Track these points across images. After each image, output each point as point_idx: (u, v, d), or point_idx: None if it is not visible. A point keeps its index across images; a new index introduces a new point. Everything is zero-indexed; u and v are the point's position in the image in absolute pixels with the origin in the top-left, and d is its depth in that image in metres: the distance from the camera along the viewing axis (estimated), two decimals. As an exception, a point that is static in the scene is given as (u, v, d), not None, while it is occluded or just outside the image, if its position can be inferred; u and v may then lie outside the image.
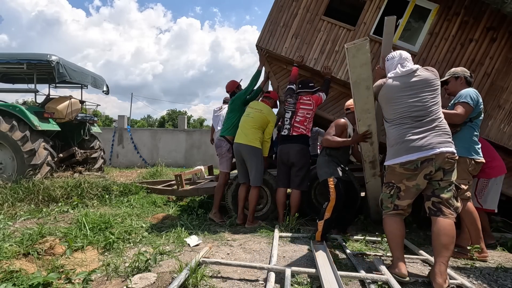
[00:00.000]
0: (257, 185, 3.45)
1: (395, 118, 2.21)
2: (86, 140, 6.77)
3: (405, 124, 2.16)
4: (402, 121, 2.17)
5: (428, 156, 2.05)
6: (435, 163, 2.06)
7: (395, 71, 2.28)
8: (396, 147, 2.17)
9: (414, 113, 2.14)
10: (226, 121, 3.89)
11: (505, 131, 3.28)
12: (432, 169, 2.07)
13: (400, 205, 2.19)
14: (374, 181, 3.00)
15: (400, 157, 2.13)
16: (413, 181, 2.13)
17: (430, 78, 2.20)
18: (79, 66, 6.32)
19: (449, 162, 2.07)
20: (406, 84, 2.20)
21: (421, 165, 2.07)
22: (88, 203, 4.14)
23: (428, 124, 2.11)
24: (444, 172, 2.08)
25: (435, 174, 2.08)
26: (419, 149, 2.07)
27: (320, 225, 2.73)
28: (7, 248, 2.38)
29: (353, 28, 3.55)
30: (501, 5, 2.98)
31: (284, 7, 3.69)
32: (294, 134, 3.44)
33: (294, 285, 2.00)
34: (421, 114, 2.13)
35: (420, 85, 2.18)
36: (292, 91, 3.59)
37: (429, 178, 2.11)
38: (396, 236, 2.17)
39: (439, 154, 2.04)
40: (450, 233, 2.00)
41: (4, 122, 5.02)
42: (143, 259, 2.19)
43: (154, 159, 10.86)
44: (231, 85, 4.17)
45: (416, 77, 2.20)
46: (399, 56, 2.33)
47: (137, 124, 29.99)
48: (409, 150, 2.10)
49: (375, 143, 2.72)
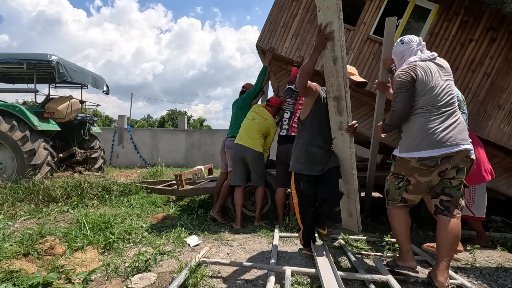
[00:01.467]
0: (262, 185, 3.49)
1: (425, 105, 2.00)
2: (86, 140, 6.77)
3: (433, 114, 1.98)
4: (432, 109, 1.98)
5: (451, 153, 1.93)
6: (453, 161, 1.95)
7: (421, 55, 2.11)
8: (419, 139, 1.99)
9: (444, 101, 1.98)
10: (235, 120, 3.86)
11: (505, 131, 3.28)
12: (448, 167, 1.96)
13: (408, 199, 2.11)
14: (341, 139, 2.27)
15: (421, 151, 1.97)
16: (427, 177, 2.01)
17: (448, 67, 2.11)
18: (79, 66, 6.32)
19: (465, 161, 1.99)
20: (438, 68, 2.06)
21: (441, 162, 1.94)
22: (88, 203, 4.14)
23: (453, 116, 1.98)
24: (457, 170, 1.98)
25: (449, 171, 1.98)
26: (444, 144, 1.92)
27: (300, 234, 2.53)
28: (7, 248, 2.38)
29: (353, 28, 3.55)
30: (501, 5, 2.98)
31: (284, 7, 3.69)
32: (292, 134, 3.44)
33: (294, 285, 2.00)
34: (449, 103, 1.99)
35: (446, 73, 2.07)
36: (291, 91, 3.59)
37: (443, 175, 2.00)
38: (405, 228, 2.11)
39: (460, 152, 1.93)
40: (456, 232, 1.94)
41: (4, 122, 5.02)
42: (143, 259, 2.19)
43: (154, 159, 10.86)
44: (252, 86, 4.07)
45: (442, 64, 2.09)
46: (417, 41, 2.18)
47: (137, 124, 30.00)
48: (433, 144, 1.94)
49: (339, 61, 2.07)
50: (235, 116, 3.89)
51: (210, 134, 11.65)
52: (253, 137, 3.44)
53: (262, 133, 3.51)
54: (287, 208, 3.51)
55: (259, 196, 3.49)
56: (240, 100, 3.90)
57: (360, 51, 3.53)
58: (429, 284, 2.05)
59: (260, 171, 3.48)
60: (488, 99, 3.31)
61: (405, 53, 2.20)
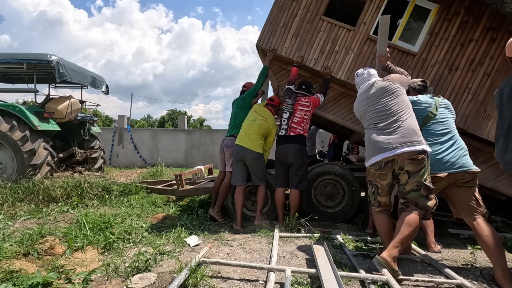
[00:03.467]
0: (263, 184, 3.49)
1: (366, 126, 2.53)
2: (86, 140, 6.78)
3: (372, 129, 2.44)
4: (370, 126, 2.47)
5: (390, 157, 2.26)
6: (397, 163, 2.26)
7: (359, 90, 2.68)
8: (368, 151, 2.44)
9: (377, 118, 2.42)
10: (235, 119, 3.84)
11: (505, 131, 3.27)
12: (395, 168, 2.29)
13: (381, 202, 2.42)
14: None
15: (369, 159, 2.40)
16: (385, 180, 2.35)
17: (385, 86, 2.47)
18: (79, 66, 6.32)
19: (411, 163, 2.21)
20: (367, 96, 2.55)
21: (384, 166, 2.30)
22: (88, 203, 4.14)
23: (391, 125, 2.33)
24: (409, 174, 2.23)
25: (401, 176, 2.27)
26: (384, 150, 2.29)
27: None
28: (7, 248, 2.38)
29: (353, 28, 3.55)
30: (501, 5, 2.97)
31: (284, 7, 3.68)
32: (291, 135, 3.45)
33: (294, 285, 2.00)
34: (384, 117, 2.38)
35: (378, 94, 2.47)
36: (290, 91, 3.59)
37: (398, 182, 2.31)
38: (385, 230, 2.41)
39: (400, 154, 2.23)
40: (410, 222, 2.18)
41: (4, 122, 5.02)
42: (143, 259, 2.19)
43: (154, 159, 10.87)
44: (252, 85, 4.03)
45: (374, 89, 2.52)
46: (362, 75, 2.70)
47: (137, 124, 29.99)
48: (375, 151, 2.34)
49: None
50: (235, 115, 3.89)
51: (210, 134, 11.65)
52: (252, 138, 3.45)
53: (262, 134, 3.51)
54: (287, 208, 3.51)
55: (260, 195, 3.50)
56: (240, 99, 3.90)
57: (360, 51, 3.53)
58: (428, 285, 2.06)
59: (260, 171, 3.48)
60: (488, 99, 3.30)
61: (358, 84, 2.75)
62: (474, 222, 2.21)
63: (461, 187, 2.30)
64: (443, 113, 2.48)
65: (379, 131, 2.37)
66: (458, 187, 2.31)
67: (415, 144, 2.22)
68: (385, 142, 2.30)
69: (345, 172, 3.69)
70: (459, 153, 2.33)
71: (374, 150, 2.35)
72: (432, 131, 2.43)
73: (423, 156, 2.21)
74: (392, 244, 2.14)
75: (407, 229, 2.16)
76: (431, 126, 2.45)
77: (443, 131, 2.42)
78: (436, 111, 2.46)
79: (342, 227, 3.51)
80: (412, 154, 2.20)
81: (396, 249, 2.12)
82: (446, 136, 2.40)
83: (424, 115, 2.47)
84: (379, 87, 2.49)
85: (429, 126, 2.45)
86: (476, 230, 2.18)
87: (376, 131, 2.39)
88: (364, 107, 2.54)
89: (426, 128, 2.45)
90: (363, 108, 2.56)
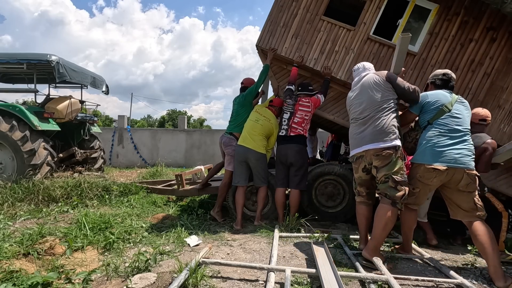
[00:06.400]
0: (264, 185, 3.49)
1: (350, 119, 2.66)
2: (86, 140, 6.77)
3: (354, 123, 2.59)
4: (352, 120, 2.62)
5: (359, 153, 2.47)
6: (366, 159, 2.44)
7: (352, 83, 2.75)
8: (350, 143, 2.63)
9: (358, 112, 2.54)
10: (236, 117, 3.82)
11: (505, 131, 3.27)
12: (365, 164, 2.46)
13: (360, 191, 2.63)
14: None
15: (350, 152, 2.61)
16: (357, 173, 2.59)
17: (373, 79, 2.51)
18: (79, 66, 6.32)
19: (377, 158, 2.36)
20: (355, 89, 2.65)
21: (356, 160, 2.53)
22: (88, 203, 4.14)
23: (368, 121, 2.45)
24: (376, 169, 2.39)
25: (372, 170, 2.43)
26: (356, 146, 2.51)
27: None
28: (7, 248, 2.38)
29: (353, 28, 3.55)
30: (501, 5, 2.98)
31: (284, 7, 3.68)
32: (292, 135, 3.45)
33: (294, 285, 2.00)
34: (363, 111, 2.50)
35: (364, 87, 2.55)
36: (291, 91, 3.59)
37: (368, 172, 2.50)
38: (361, 220, 2.61)
39: (367, 151, 2.41)
40: (381, 214, 2.35)
41: (4, 122, 5.02)
42: (143, 259, 2.19)
43: (154, 159, 10.87)
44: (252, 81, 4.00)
45: (363, 81, 2.59)
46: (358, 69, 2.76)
47: (137, 124, 29.97)
48: (352, 146, 2.56)
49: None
50: (236, 112, 3.85)
51: (210, 134, 11.65)
52: (256, 139, 3.44)
53: (265, 134, 3.50)
54: (287, 208, 3.51)
55: (261, 195, 3.50)
56: (241, 97, 3.86)
57: (360, 51, 3.53)
58: (428, 284, 2.06)
59: (263, 172, 3.48)
60: (488, 99, 3.30)
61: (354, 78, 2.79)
62: (471, 223, 2.24)
63: (462, 192, 2.27)
64: (459, 109, 2.39)
65: (356, 126, 2.55)
66: (459, 191, 2.28)
67: (381, 141, 2.35)
68: (357, 138, 2.50)
69: (346, 172, 3.69)
70: (465, 152, 2.28)
71: (351, 144, 2.59)
72: (444, 123, 2.35)
73: (388, 151, 2.33)
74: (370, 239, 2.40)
75: (379, 222, 2.34)
76: (444, 120, 2.36)
77: (456, 126, 2.33)
78: (451, 107, 2.38)
79: (342, 227, 3.51)
80: (377, 151, 2.35)
81: (372, 241, 2.36)
82: (458, 132, 2.32)
83: (434, 111, 2.39)
84: (367, 80, 2.56)
85: (442, 119, 2.37)
86: (472, 230, 2.23)
87: (355, 126, 2.57)
88: (351, 100, 2.66)
89: (438, 121, 2.37)
90: (350, 100, 2.68)
